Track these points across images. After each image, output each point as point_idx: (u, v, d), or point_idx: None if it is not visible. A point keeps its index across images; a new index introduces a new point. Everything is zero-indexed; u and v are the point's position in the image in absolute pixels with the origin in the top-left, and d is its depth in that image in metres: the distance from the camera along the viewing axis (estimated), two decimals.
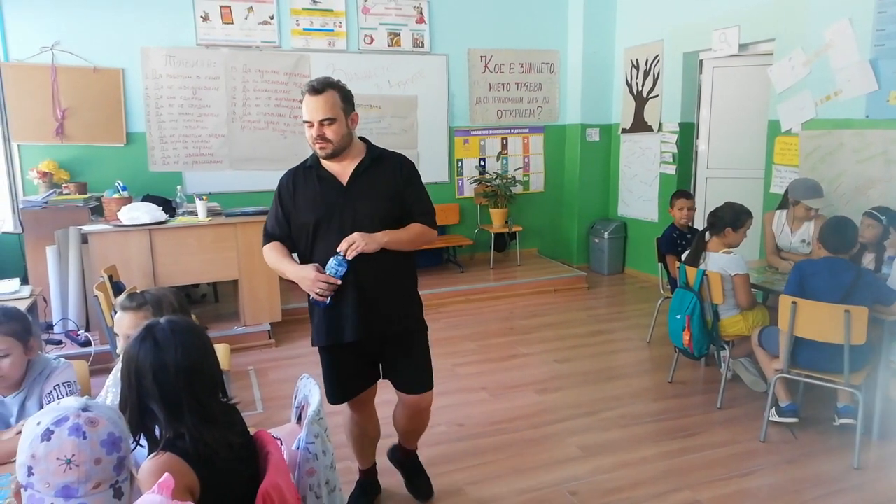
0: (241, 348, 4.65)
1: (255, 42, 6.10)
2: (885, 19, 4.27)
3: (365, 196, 2.36)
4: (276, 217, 2.48)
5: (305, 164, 2.47)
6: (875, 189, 4.39)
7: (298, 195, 2.43)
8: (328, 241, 2.33)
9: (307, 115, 2.30)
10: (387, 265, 2.36)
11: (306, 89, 2.29)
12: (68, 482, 1.15)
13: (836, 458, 3.10)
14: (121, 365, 1.57)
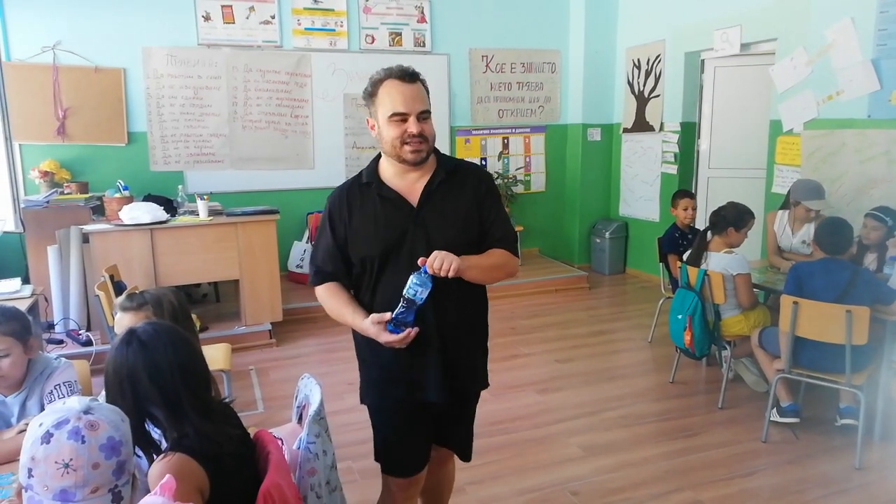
0: (242, 348, 4.65)
1: (257, 42, 6.10)
2: (888, 19, 4.26)
3: (440, 220, 1.87)
4: (327, 249, 1.94)
5: (360, 181, 1.95)
6: (877, 189, 4.38)
7: (356, 219, 1.90)
8: (396, 279, 1.82)
9: (402, 105, 1.82)
10: (468, 301, 1.93)
11: (397, 74, 1.86)
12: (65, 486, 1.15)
13: (837, 459, 3.09)
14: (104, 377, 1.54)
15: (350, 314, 1.91)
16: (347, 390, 3.97)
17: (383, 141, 1.87)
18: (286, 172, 6.37)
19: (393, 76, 1.86)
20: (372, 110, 1.90)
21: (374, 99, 1.88)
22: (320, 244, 1.97)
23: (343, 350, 4.69)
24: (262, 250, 4.79)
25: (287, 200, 6.15)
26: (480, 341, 2.05)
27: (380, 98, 1.86)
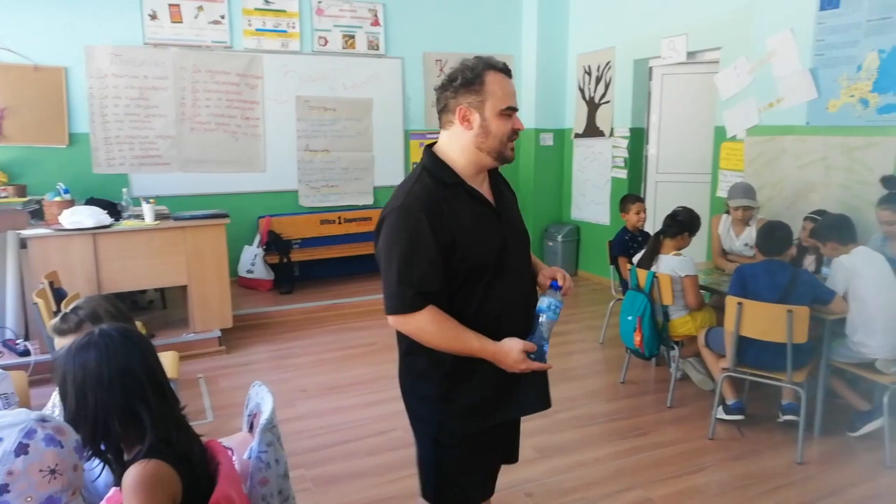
0: (190, 356, 4.53)
1: (206, 42, 5.97)
2: (825, 30, 4.45)
3: (514, 223, 1.82)
4: (430, 263, 1.62)
5: (443, 181, 1.69)
6: (815, 193, 4.57)
7: (462, 223, 1.66)
8: (503, 289, 1.72)
9: (513, 99, 1.70)
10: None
11: (500, 66, 1.72)
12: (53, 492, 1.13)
13: (780, 454, 3.20)
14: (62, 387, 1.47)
15: (475, 339, 1.65)
16: (300, 397, 3.91)
17: (489, 136, 1.68)
18: (236, 175, 6.25)
19: (495, 68, 1.70)
20: (473, 100, 1.67)
21: (482, 88, 1.66)
22: (415, 261, 1.62)
23: (295, 357, 4.63)
24: (211, 255, 4.68)
25: (237, 204, 6.04)
26: None
27: (489, 89, 1.66)
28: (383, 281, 1.69)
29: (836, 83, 4.40)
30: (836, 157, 4.42)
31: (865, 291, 3.13)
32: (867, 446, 3.24)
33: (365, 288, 6.15)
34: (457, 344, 1.66)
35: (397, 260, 1.64)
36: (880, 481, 2.95)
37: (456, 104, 1.68)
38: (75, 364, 1.46)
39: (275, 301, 5.79)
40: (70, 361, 1.46)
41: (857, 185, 4.31)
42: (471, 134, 1.69)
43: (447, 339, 1.66)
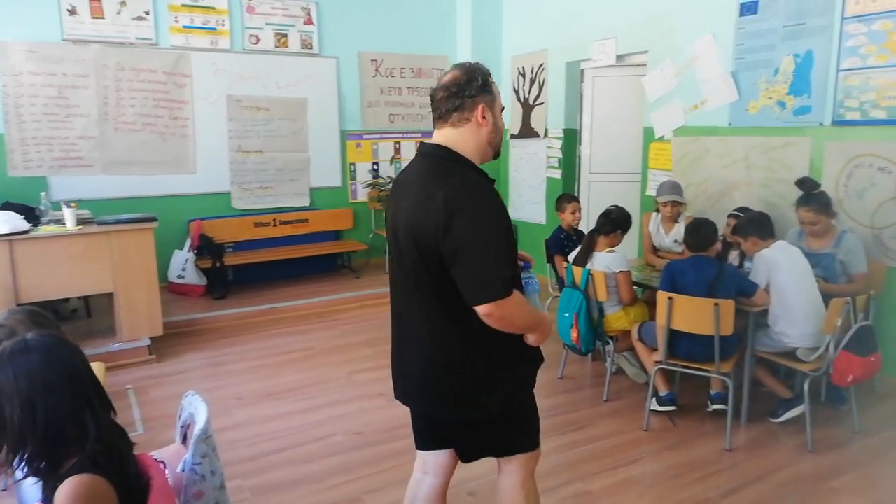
0: (118, 366, 4.34)
1: (129, 39, 5.74)
2: (744, 35, 4.67)
3: None
4: (511, 249, 1.81)
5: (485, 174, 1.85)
6: (738, 191, 4.78)
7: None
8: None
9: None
10: None
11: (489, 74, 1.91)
12: None
13: (710, 442, 3.33)
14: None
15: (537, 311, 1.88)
16: (236, 405, 3.81)
17: (498, 132, 1.87)
18: (165, 177, 6.03)
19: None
20: (488, 100, 1.84)
21: (492, 89, 1.87)
22: (506, 247, 1.76)
23: (230, 363, 4.50)
24: (138, 261, 4.49)
25: (166, 207, 5.83)
26: None
27: (494, 90, 1.88)
28: (474, 270, 1.69)
29: (756, 86, 4.62)
30: (757, 156, 4.65)
31: (785, 284, 3.30)
32: (789, 431, 3.41)
33: (302, 291, 6.04)
34: (534, 318, 1.82)
35: (494, 246, 1.71)
36: (803, 465, 3.11)
37: (474, 103, 1.81)
38: (15, 373, 1.37)
39: (208, 307, 5.61)
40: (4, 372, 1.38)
41: (776, 184, 4.54)
42: (486, 131, 1.84)
43: (529, 316, 1.80)
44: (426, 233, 1.71)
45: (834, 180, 4.15)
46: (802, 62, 4.32)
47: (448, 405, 1.89)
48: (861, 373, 3.14)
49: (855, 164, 4.07)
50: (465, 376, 1.84)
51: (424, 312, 1.85)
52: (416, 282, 1.82)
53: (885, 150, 3.91)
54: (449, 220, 1.67)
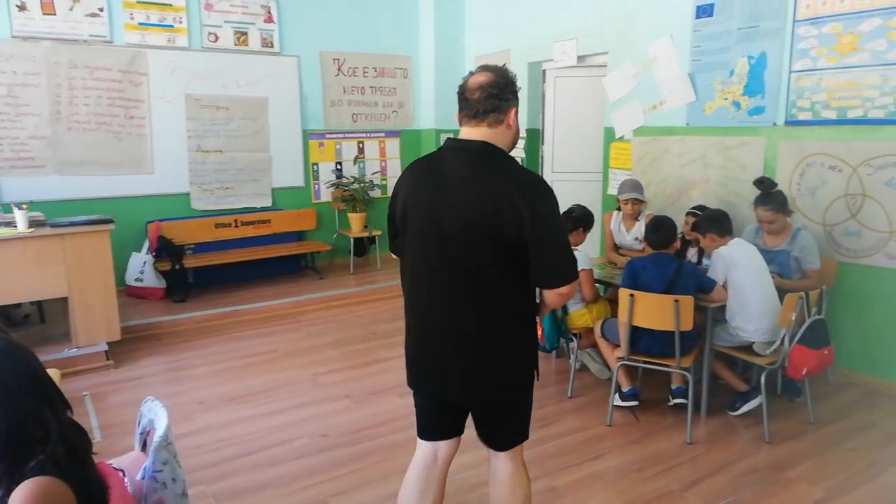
0: (74, 372, 4.21)
1: (83, 36, 5.57)
2: (700, 37, 4.77)
3: None
4: None
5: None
6: (696, 190, 4.89)
7: None
8: None
9: None
10: None
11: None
12: None
13: (672, 436, 3.40)
14: None
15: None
16: (198, 410, 3.74)
17: (517, 135, 2.03)
18: (121, 178, 5.88)
19: None
20: (517, 105, 1.99)
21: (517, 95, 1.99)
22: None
23: (191, 367, 4.42)
24: (94, 264, 4.37)
25: (123, 208, 5.69)
26: None
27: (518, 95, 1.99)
28: (559, 254, 1.86)
29: (712, 87, 4.73)
30: (713, 155, 4.76)
31: (742, 280, 3.38)
32: (747, 424, 3.50)
33: (265, 293, 5.96)
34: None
35: (565, 232, 1.96)
36: (760, 456, 3.20)
37: (509, 107, 1.93)
38: None
39: (167, 310, 5.49)
40: None
41: (732, 182, 4.66)
42: (511, 133, 1.97)
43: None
44: (500, 223, 1.79)
45: (787, 179, 4.28)
46: (756, 64, 4.44)
47: (491, 390, 1.97)
48: (815, 365, 3.24)
49: (807, 163, 4.20)
50: (510, 360, 1.95)
51: (471, 302, 1.87)
52: (467, 272, 1.85)
53: (835, 149, 4.05)
54: (532, 210, 1.78)
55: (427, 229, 1.89)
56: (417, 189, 1.95)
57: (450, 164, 1.90)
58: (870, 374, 4.01)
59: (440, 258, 1.88)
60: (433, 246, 1.89)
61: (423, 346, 2.00)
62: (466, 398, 2.01)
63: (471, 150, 1.89)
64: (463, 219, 1.82)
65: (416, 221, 1.92)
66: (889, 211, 3.84)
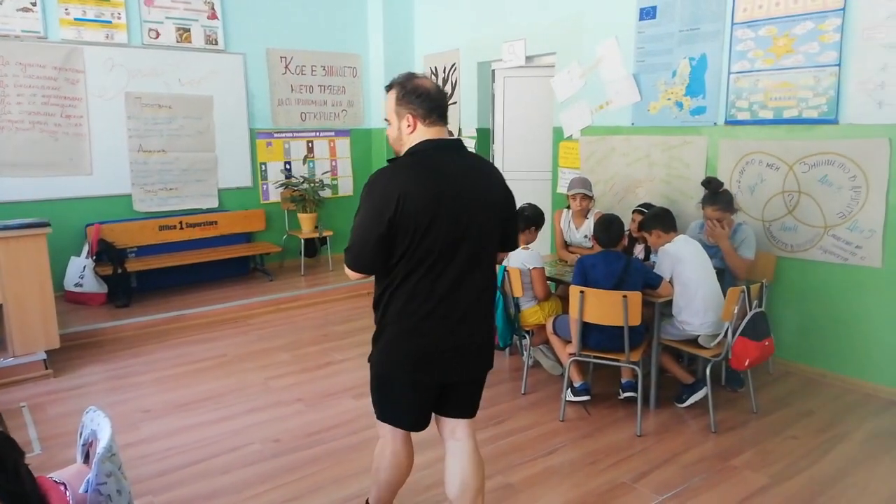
0: (10, 382, 4.03)
1: (14, 31, 5.33)
2: (644, 39, 4.89)
3: None
4: None
5: None
6: (642, 188, 5.01)
7: None
8: None
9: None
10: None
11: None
12: None
13: (623, 429, 3.47)
14: None
15: None
16: (143, 419, 3.62)
17: None
18: (58, 179, 5.64)
19: None
20: None
21: None
22: None
23: (135, 375, 4.28)
24: (30, 269, 4.18)
25: (60, 211, 5.47)
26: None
27: None
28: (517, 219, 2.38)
29: (656, 87, 4.86)
30: (658, 154, 4.88)
31: (688, 276, 3.48)
32: (694, 415, 3.61)
33: (212, 297, 5.82)
34: None
35: None
36: (706, 445, 3.30)
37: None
38: None
39: (109, 316, 5.30)
40: None
41: (676, 180, 4.79)
42: None
43: None
44: (506, 205, 2.20)
45: (728, 176, 4.43)
46: (697, 65, 4.58)
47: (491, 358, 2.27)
48: (757, 356, 3.36)
49: (746, 161, 4.36)
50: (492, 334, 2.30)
51: (483, 282, 2.14)
52: (484, 252, 2.12)
53: (772, 147, 4.21)
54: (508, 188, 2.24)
55: (456, 219, 2.00)
56: (432, 187, 1.99)
57: (447, 160, 2.07)
58: (808, 364, 4.19)
59: (465, 243, 2.04)
60: (461, 232, 2.02)
61: (446, 329, 2.07)
62: (479, 371, 2.24)
63: (456, 146, 2.15)
64: (483, 205, 2.08)
65: (444, 214, 1.98)
66: (823, 207, 4.01)
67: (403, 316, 2.06)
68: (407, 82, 2.06)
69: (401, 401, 2.18)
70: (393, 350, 2.11)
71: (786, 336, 4.21)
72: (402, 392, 2.15)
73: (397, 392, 2.16)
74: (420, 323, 2.06)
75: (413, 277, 2.02)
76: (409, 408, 2.18)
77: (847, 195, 3.90)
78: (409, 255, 1.99)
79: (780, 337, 4.12)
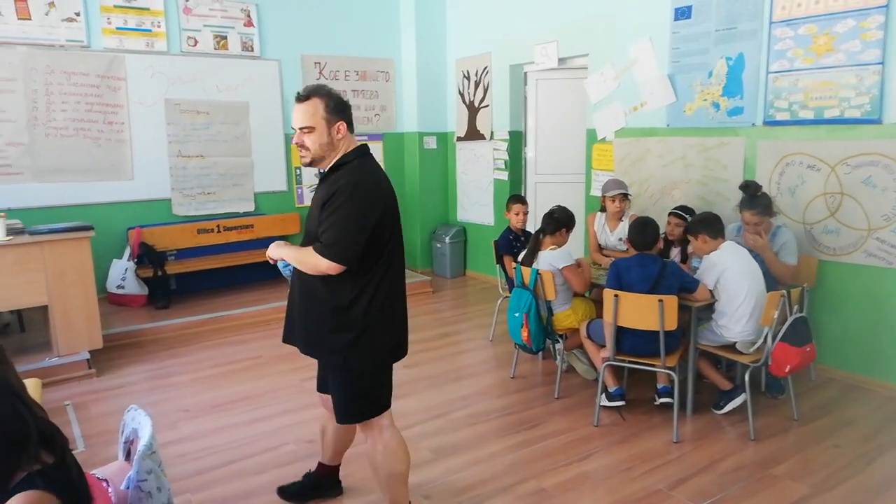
0: (55, 382, 4.15)
1: (59, 41, 5.50)
2: (679, 39, 4.82)
3: (310, 212, 2.39)
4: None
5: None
6: (678, 190, 4.94)
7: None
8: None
9: (292, 122, 2.32)
10: (301, 283, 2.37)
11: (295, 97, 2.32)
12: None
13: (658, 435, 3.42)
14: None
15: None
16: (182, 418, 3.70)
17: None
18: (101, 184, 5.80)
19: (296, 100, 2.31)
20: None
21: None
22: None
23: (175, 375, 4.37)
24: (74, 272, 4.31)
25: (103, 215, 5.61)
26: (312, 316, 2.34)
27: None
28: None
29: (692, 88, 4.78)
30: (694, 156, 4.81)
31: (733, 283, 3.39)
32: (732, 421, 3.53)
33: (248, 299, 5.91)
34: None
35: None
36: (745, 453, 3.23)
37: None
38: None
39: (150, 317, 5.43)
40: None
41: (713, 182, 4.70)
42: None
43: None
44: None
45: (767, 178, 4.33)
46: (734, 65, 4.50)
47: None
48: (798, 363, 3.28)
49: (786, 163, 4.26)
50: None
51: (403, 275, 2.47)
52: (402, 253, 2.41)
53: (813, 148, 4.11)
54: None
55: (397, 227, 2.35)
56: (391, 192, 2.36)
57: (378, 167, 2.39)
58: (850, 371, 4.07)
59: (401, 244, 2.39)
60: (398, 239, 2.36)
61: (403, 320, 2.45)
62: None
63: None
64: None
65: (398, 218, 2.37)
66: (867, 209, 3.90)
67: (383, 311, 2.29)
68: (332, 93, 2.30)
69: (388, 385, 2.43)
70: (379, 343, 2.32)
71: (828, 342, 4.10)
72: (388, 377, 2.42)
73: (386, 378, 2.41)
74: (393, 316, 2.36)
75: (388, 275, 2.29)
76: (390, 388, 2.45)
77: (892, 197, 3.78)
78: (385, 256, 2.27)
79: (822, 343, 4.01)
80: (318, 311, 2.30)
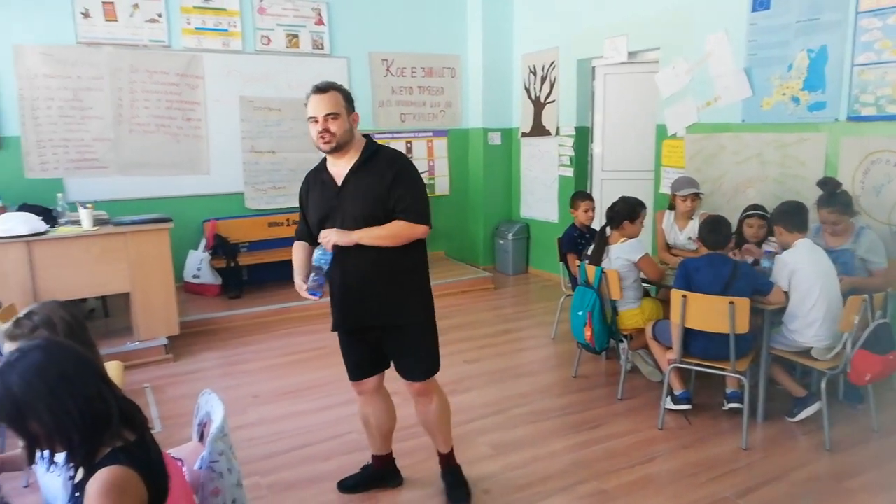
0: (135, 365, 4.38)
1: (143, 41, 5.78)
2: (756, 31, 4.63)
3: (352, 197, 2.47)
4: (300, 216, 2.73)
5: (317, 168, 2.65)
6: (753, 188, 4.75)
7: (310, 196, 2.63)
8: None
9: (312, 111, 2.43)
10: (369, 260, 2.47)
11: (311, 90, 2.45)
12: None
13: (726, 441, 3.31)
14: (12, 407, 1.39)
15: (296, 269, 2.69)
16: (252, 404, 3.84)
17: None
18: (179, 178, 6.07)
19: (311, 91, 2.47)
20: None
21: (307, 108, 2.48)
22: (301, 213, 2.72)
23: (246, 362, 4.54)
24: (154, 261, 4.53)
25: (181, 208, 5.87)
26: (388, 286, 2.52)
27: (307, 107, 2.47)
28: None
29: (769, 82, 4.59)
30: (771, 152, 4.61)
31: (806, 285, 3.25)
32: (806, 430, 3.38)
33: None
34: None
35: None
36: (820, 464, 3.09)
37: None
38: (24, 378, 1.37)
39: (223, 306, 5.65)
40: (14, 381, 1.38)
41: (790, 180, 4.50)
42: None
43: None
44: None
45: (850, 176, 4.11)
46: (816, 57, 4.28)
47: None
48: (879, 371, 3.11)
49: (871, 161, 4.03)
50: None
51: None
52: None
53: None
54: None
55: None
56: None
57: None
58: None
59: None
60: None
61: None
62: None
63: None
64: None
65: None
66: None
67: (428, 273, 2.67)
68: (344, 88, 2.49)
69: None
70: (431, 296, 2.67)
71: None
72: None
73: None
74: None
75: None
76: None
77: None
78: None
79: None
80: (395, 279, 2.52)
